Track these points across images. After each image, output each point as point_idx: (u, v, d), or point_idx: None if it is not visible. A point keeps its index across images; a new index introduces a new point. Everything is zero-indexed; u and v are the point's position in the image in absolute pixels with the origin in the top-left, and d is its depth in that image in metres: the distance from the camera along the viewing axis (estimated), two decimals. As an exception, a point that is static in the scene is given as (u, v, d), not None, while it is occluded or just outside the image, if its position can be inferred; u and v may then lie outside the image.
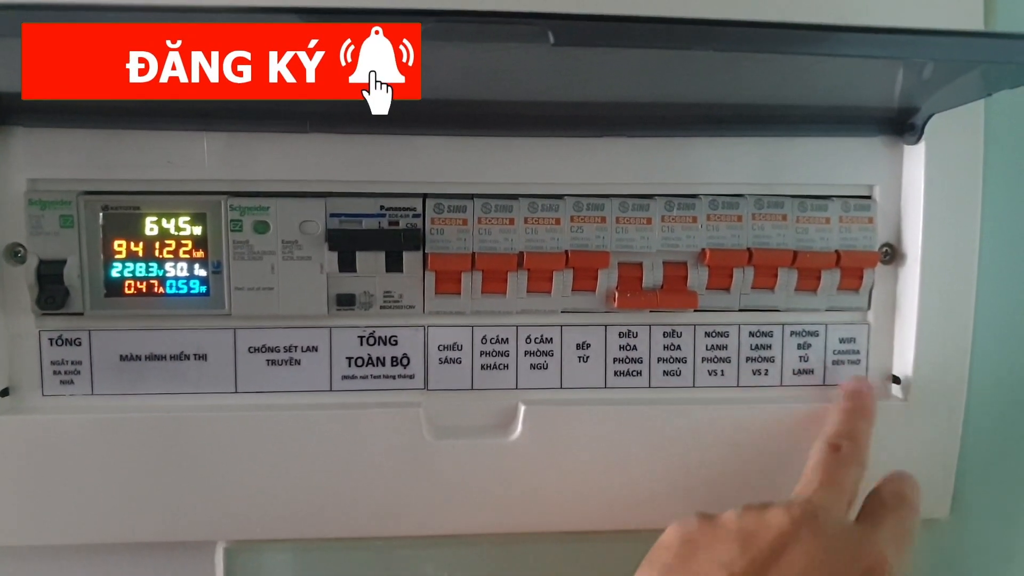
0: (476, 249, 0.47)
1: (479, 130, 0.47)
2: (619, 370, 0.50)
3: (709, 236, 0.49)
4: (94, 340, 0.47)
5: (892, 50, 0.38)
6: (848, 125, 0.49)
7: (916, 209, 0.49)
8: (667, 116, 0.47)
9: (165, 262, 0.46)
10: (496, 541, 0.50)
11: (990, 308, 0.51)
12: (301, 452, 0.47)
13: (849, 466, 0.43)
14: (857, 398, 0.48)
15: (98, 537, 0.47)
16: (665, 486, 0.49)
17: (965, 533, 0.53)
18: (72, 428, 0.46)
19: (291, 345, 0.48)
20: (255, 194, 0.46)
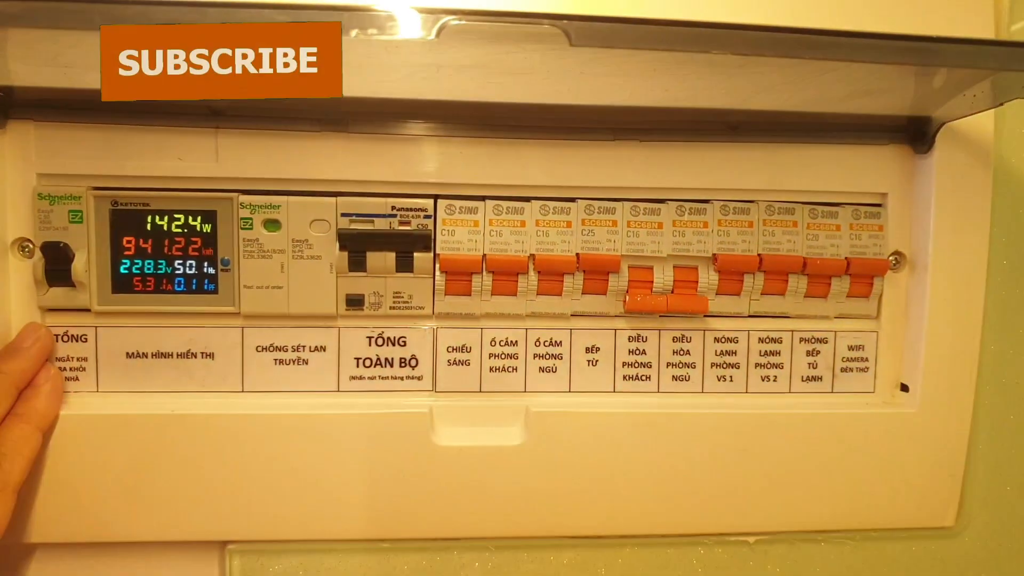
0: (487, 251, 0.47)
1: (492, 132, 0.47)
2: (628, 374, 0.50)
3: (720, 241, 0.49)
4: (100, 336, 0.47)
5: (905, 57, 0.38)
6: (860, 133, 0.49)
7: (926, 217, 0.49)
8: (680, 121, 0.48)
9: (174, 259, 0.46)
10: (501, 545, 0.50)
11: (998, 317, 0.51)
12: (307, 452, 0.47)
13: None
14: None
15: (102, 536, 0.46)
16: (672, 491, 0.49)
17: (971, 542, 0.53)
18: (77, 425, 0.45)
19: (299, 345, 0.48)
20: (267, 192, 0.46)
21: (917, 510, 0.51)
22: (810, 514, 0.50)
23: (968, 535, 0.52)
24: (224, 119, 0.45)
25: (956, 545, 0.53)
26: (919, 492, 0.50)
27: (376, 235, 0.46)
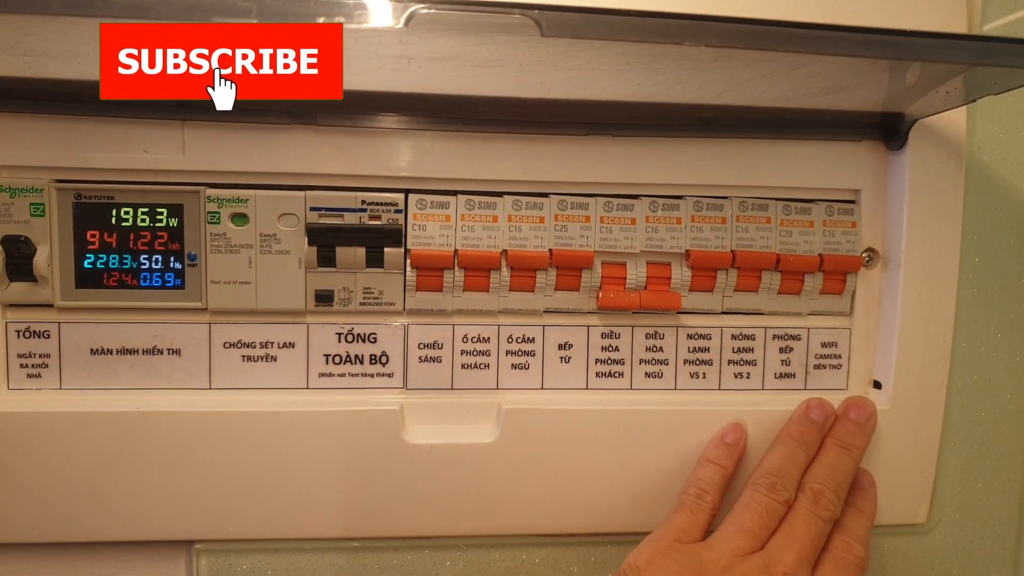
0: (459, 246, 0.47)
1: (464, 126, 0.46)
2: (601, 371, 0.50)
3: (693, 237, 0.49)
4: (63, 332, 0.46)
5: (879, 50, 0.38)
6: (833, 129, 0.49)
7: (899, 214, 0.49)
8: (653, 116, 0.47)
9: (139, 253, 0.45)
10: (473, 543, 0.50)
11: (970, 314, 0.51)
12: (276, 450, 0.46)
13: (828, 523, 0.40)
14: (860, 411, 0.45)
15: (65, 536, 0.46)
16: (644, 489, 0.49)
17: (942, 539, 0.53)
18: (39, 423, 0.44)
19: (268, 341, 0.47)
20: (234, 186, 0.45)
21: (889, 507, 0.51)
22: (783, 511, 0.50)
23: (939, 532, 0.53)
24: (191, 111, 0.44)
25: (927, 542, 0.53)
26: (891, 489, 0.50)
27: (346, 230, 0.46)
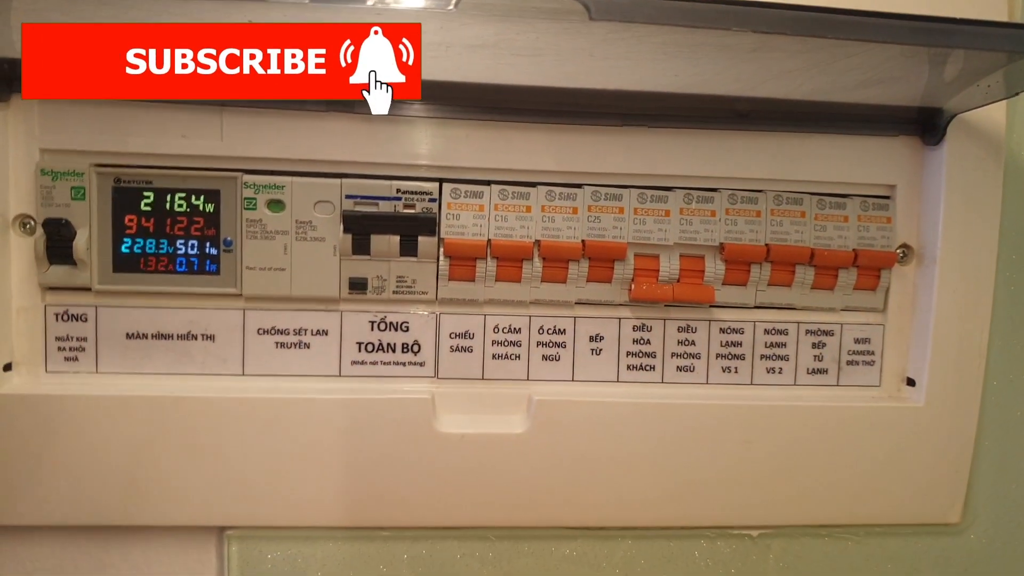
0: (492, 236, 0.47)
1: (499, 116, 0.46)
2: (632, 364, 0.50)
3: (727, 230, 0.48)
4: (101, 316, 0.46)
5: (922, 37, 0.38)
6: (870, 124, 0.49)
7: (936, 210, 0.48)
8: (689, 108, 0.47)
9: (176, 239, 0.45)
10: (502, 534, 0.49)
11: (1006, 312, 0.50)
12: (307, 438, 0.46)
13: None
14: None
15: (98, 519, 0.46)
16: (675, 483, 0.49)
17: (976, 539, 0.52)
18: (75, 406, 0.45)
19: (301, 328, 0.47)
20: (271, 172, 0.45)
21: (922, 506, 0.50)
22: (813, 508, 0.50)
23: (973, 532, 0.52)
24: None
25: (961, 542, 0.52)
26: (924, 488, 0.50)
27: (380, 218, 0.46)
